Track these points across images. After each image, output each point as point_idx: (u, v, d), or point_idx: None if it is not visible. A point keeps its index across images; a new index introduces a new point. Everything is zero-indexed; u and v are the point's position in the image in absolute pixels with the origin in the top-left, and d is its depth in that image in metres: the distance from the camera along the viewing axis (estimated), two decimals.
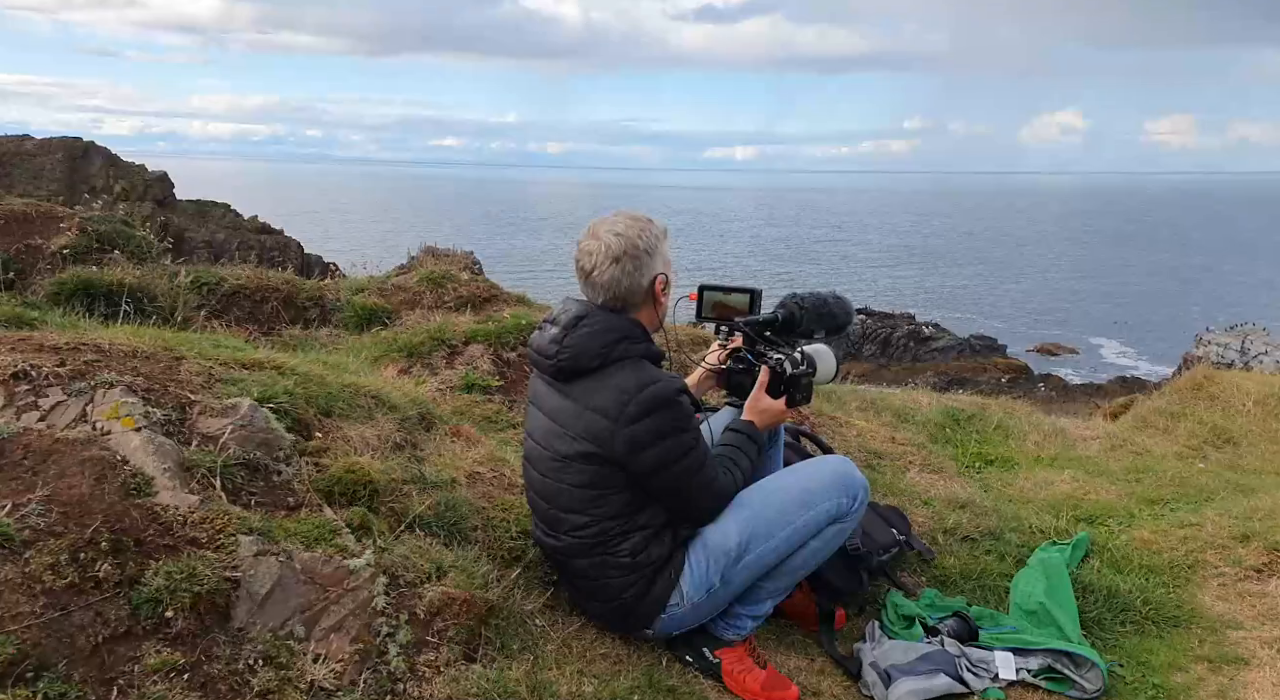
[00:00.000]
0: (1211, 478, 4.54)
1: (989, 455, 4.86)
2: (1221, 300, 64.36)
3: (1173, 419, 5.44)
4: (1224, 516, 3.76)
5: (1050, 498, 4.22)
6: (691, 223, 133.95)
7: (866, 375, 47.95)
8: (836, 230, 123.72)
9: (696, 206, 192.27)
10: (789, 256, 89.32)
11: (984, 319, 59.13)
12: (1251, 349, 41.96)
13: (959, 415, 5.37)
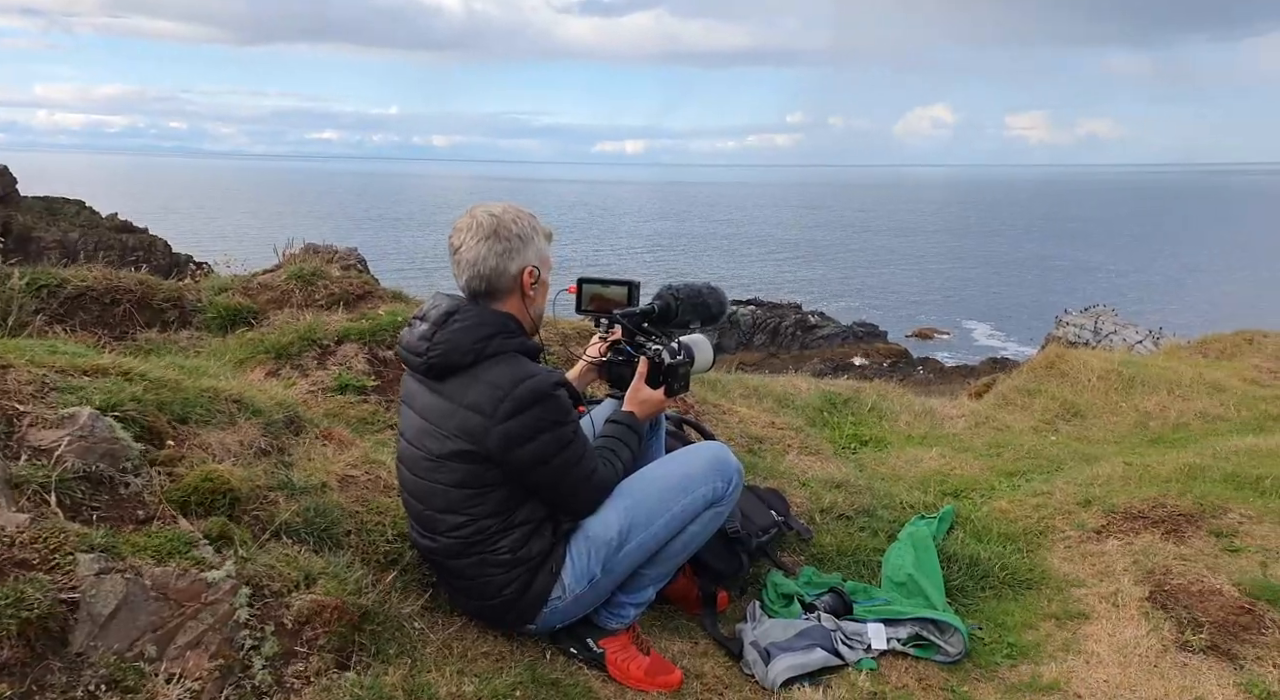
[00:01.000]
0: (1061, 449, 4.91)
1: (864, 436, 5.09)
2: (1077, 284, 69.54)
3: (1029, 396, 5.84)
4: (1070, 484, 4.08)
5: (919, 474, 4.45)
6: (585, 217, 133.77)
7: (758, 363, 49.34)
8: (726, 224, 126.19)
9: (589, 200, 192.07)
10: (682, 250, 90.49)
11: (866, 306, 61.64)
12: (1103, 328, 45.53)
13: (836, 399, 5.59)
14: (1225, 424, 5.33)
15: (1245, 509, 3.52)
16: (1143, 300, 60.96)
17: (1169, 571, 3.12)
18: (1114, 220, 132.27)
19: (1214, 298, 62.22)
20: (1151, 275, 72.59)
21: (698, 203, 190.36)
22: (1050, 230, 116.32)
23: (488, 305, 2.35)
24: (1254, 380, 6.06)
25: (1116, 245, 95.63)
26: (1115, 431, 5.39)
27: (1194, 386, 5.76)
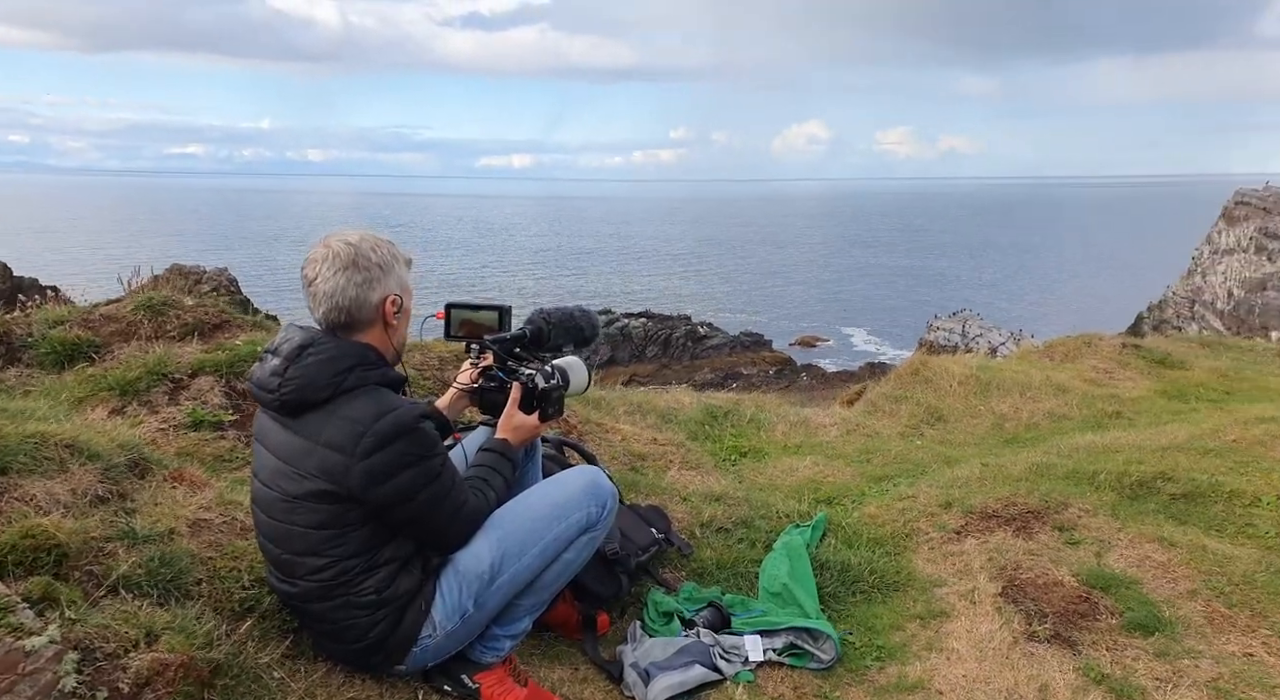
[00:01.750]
0: (926, 452, 5.17)
1: (743, 447, 5.21)
2: (945, 290, 73.89)
3: (897, 402, 6.14)
4: (933, 487, 4.30)
5: (795, 483, 4.59)
6: (472, 233, 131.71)
7: (651, 375, 49.87)
8: (616, 238, 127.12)
9: (474, 215, 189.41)
10: (572, 265, 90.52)
11: (752, 317, 63.40)
12: (970, 331, 48.58)
13: (717, 412, 5.70)
14: (1069, 422, 5.77)
15: (1083, 503, 3.80)
16: (1004, 305, 65.46)
17: (1019, 567, 3.33)
18: (975, 230, 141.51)
19: (1063, 301, 67.54)
20: (1009, 281, 78.06)
21: (587, 217, 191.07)
22: (919, 241, 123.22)
23: (346, 337, 2.27)
24: (1092, 380, 6.59)
25: (978, 254, 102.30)
26: (974, 433, 5.73)
27: (1042, 388, 6.21)
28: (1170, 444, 4.62)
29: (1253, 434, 4.52)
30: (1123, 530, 3.55)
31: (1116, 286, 70.77)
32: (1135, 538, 3.47)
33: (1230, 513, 3.72)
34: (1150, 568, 3.25)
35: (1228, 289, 47.94)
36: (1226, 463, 4.24)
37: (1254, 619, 2.90)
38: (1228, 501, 3.79)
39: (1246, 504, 3.75)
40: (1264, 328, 44.54)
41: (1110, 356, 7.15)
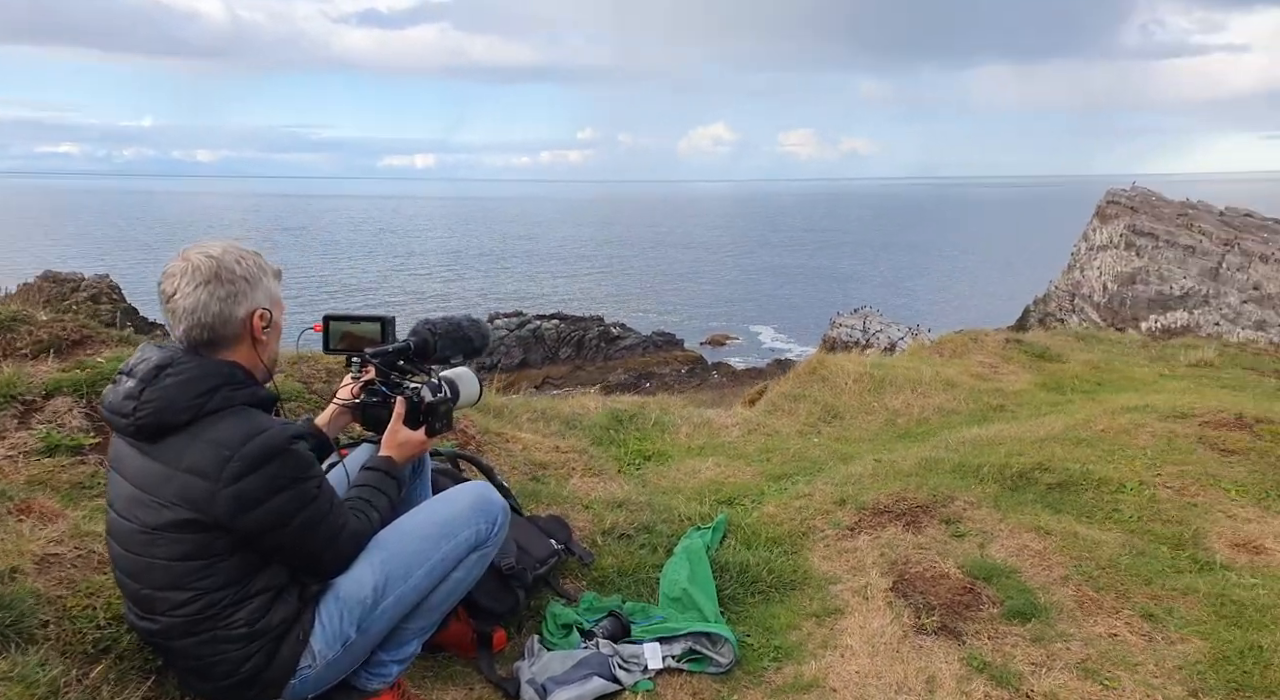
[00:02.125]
0: (822, 450, 5.30)
1: (647, 451, 5.21)
2: (848, 287, 76.33)
3: (795, 401, 6.27)
4: (829, 484, 4.40)
5: (697, 485, 4.62)
6: (374, 235, 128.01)
7: (565, 376, 49.65)
8: (527, 240, 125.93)
9: (378, 216, 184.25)
10: (480, 267, 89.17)
11: (663, 316, 63.97)
12: (871, 327, 50.34)
13: (622, 416, 5.69)
14: (957, 417, 6.03)
15: (968, 496, 3.96)
16: (902, 301, 68.12)
17: (909, 561, 3.44)
18: (875, 230, 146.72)
19: (957, 296, 70.84)
20: (907, 278, 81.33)
21: (495, 218, 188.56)
22: (822, 240, 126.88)
23: (210, 355, 2.13)
24: (979, 375, 6.91)
25: (878, 252, 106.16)
26: (869, 429, 5.91)
27: (933, 384, 6.46)
28: (1047, 435, 4.87)
29: (1119, 423, 4.82)
30: (1004, 521, 3.71)
31: (1006, 281, 74.63)
32: (1015, 528, 3.63)
33: (1099, 499, 3.94)
34: (1028, 556, 3.41)
35: (1103, 283, 51.21)
36: (1096, 451, 4.50)
37: (1118, 600, 3.08)
38: (1097, 489, 4.02)
39: (1113, 490, 3.99)
40: (1134, 318, 47.88)
41: (995, 352, 7.52)
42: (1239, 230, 48.59)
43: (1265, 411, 4.73)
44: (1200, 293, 46.36)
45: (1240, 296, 45.32)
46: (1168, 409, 4.92)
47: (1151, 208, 51.71)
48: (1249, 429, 4.48)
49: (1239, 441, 4.37)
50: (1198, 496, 3.86)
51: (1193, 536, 3.55)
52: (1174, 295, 47.27)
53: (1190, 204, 51.75)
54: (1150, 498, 3.88)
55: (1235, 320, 44.01)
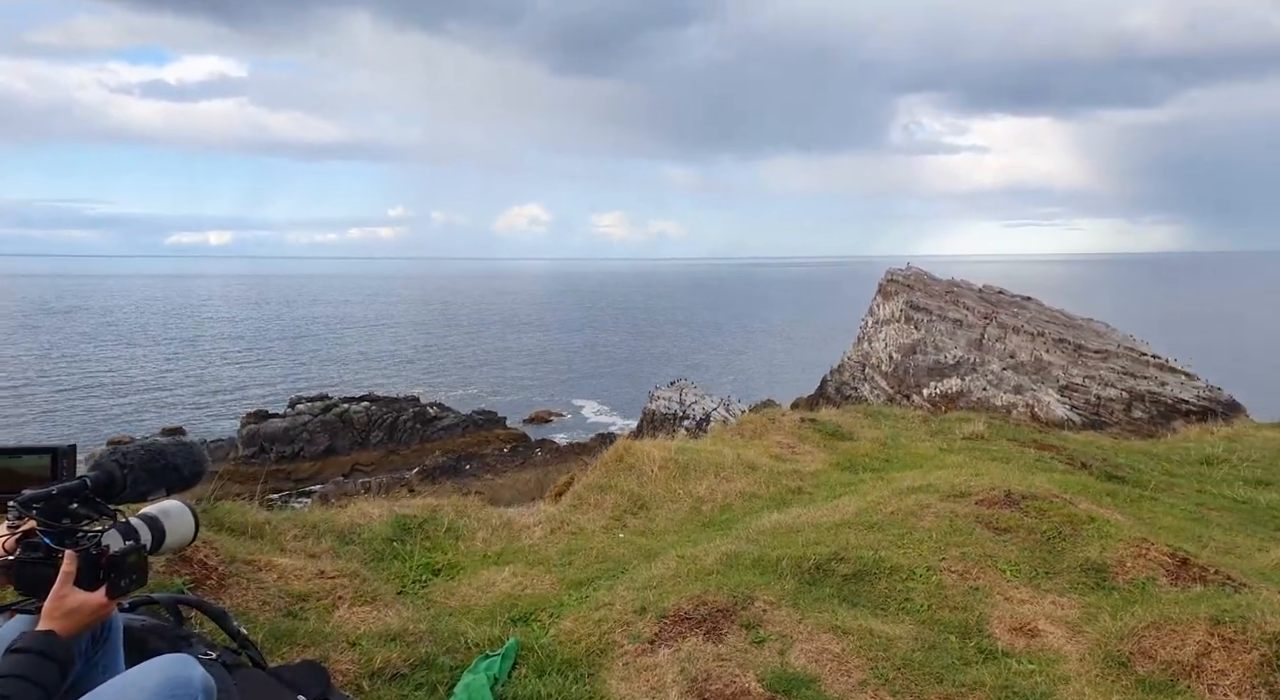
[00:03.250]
0: (627, 548, 5.04)
1: (436, 563, 4.72)
2: (664, 361, 78.59)
3: (602, 492, 6.01)
4: (630, 589, 4.13)
5: (490, 602, 4.19)
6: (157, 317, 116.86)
7: (376, 462, 46.73)
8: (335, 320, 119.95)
9: (165, 297, 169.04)
10: (286, 348, 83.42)
11: (485, 394, 62.58)
12: (687, 399, 51.81)
13: (410, 523, 5.16)
14: (759, 500, 6.01)
15: (768, 595, 3.83)
16: (716, 373, 71.03)
17: (709, 676, 3.20)
18: (688, 306, 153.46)
19: (766, 367, 75.00)
20: (720, 351, 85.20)
21: (301, 296, 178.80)
22: (640, 315, 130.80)
23: None
24: (778, 456, 7.02)
25: (693, 327, 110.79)
26: (675, 519, 5.74)
27: (735, 467, 6.45)
28: (842, 520, 4.91)
29: (906, 505, 4.96)
30: (803, 621, 3.60)
31: (805, 353, 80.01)
32: (814, 629, 3.52)
33: (892, 589, 3.94)
34: (828, 661, 3.29)
35: (889, 353, 56.08)
36: (887, 536, 4.56)
37: None
38: (889, 577, 4.03)
39: (904, 578, 4.01)
40: (917, 385, 52.65)
41: (792, 431, 7.71)
42: (995, 305, 55.27)
43: (1029, 486, 5.05)
44: (969, 361, 51.89)
45: (1001, 364, 51.20)
46: (948, 488, 5.14)
47: (924, 285, 57.78)
48: (1017, 506, 4.75)
49: (1010, 519, 4.60)
50: (979, 579, 3.96)
51: (977, 623, 3.59)
52: (948, 364, 52.59)
53: (955, 282, 58.39)
54: (937, 584, 3.93)
55: (998, 385, 49.52)
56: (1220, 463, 8.30)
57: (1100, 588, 3.90)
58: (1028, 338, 51.58)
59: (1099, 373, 48.23)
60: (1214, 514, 6.03)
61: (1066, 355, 49.69)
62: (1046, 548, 4.32)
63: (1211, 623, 3.16)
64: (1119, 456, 8.17)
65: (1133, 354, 49.09)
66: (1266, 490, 7.26)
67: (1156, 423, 43.83)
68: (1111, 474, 7.02)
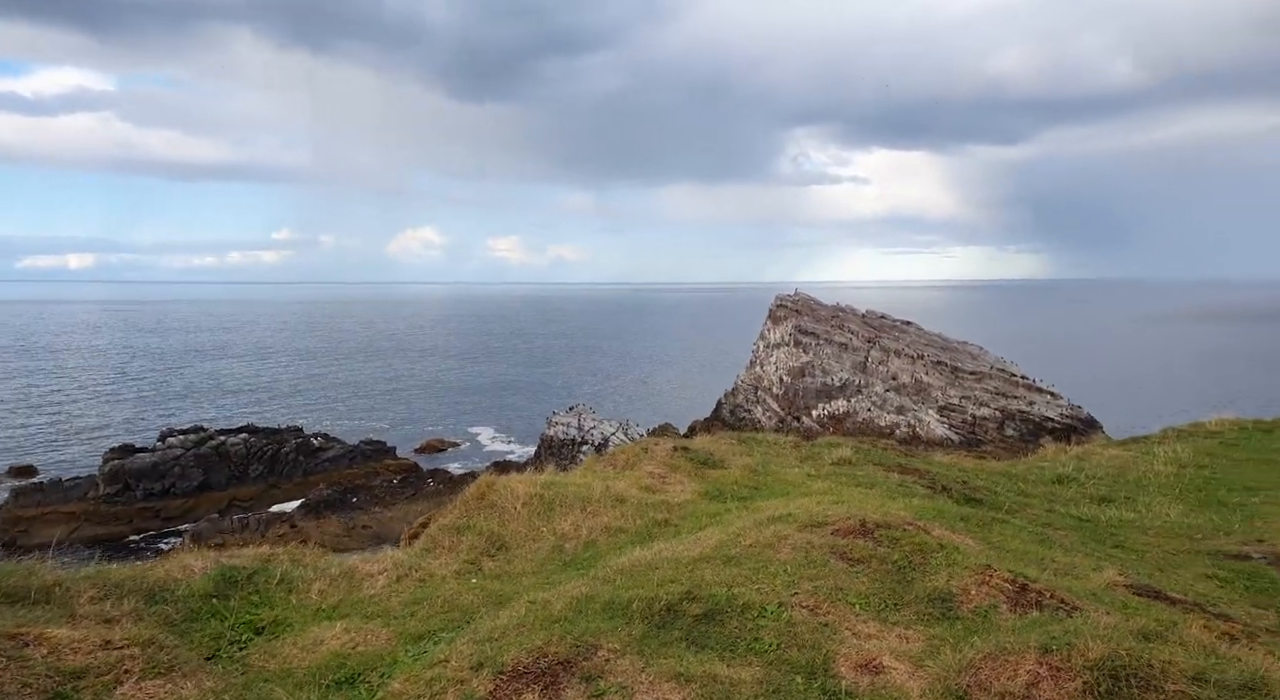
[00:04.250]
0: (478, 594, 4.75)
1: (260, 621, 4.29)
2: (563, 385, 78.02)
3: (459, 534, 5.69)
4: (471, 642, 3.84)
5: (315, 663, 3.82)
6: (10, 343, 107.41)
7: (256, 497, 43.98)
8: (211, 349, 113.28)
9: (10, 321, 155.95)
10: (155, 379, 78.04)
11: (374, 424, 60.39)
12: (585, 424, 51.42)
13: (237, 576, 4.71)
14: (625, 535, 5.83)
15: (613, 642, 3.63)
16: (614, 398, 71.02)
17: None
18: (586, 331, 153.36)
19: (663, 391, 75.50)
20: (616, 376, 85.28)
21: (173, 323, 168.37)
22: (538, 341, 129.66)
23: None
24: (648, 487, 6.87)
25: (589, 351, 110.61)
26: (535, 559, 5.48)
27: (602, 501, 6.25)
28: (701, 554, 4.77)
29: (765, 537, 4.88)
30: (646, 670, 3.41)
31: (703, 375, 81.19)
32: (656, 678, 3.34)
33: (743, 628, 3.82)
34: None
35: (779, 376, 57.52)
36: (744, 571, 4.45)
37: None
38: (741, 616, 3.90)
39: (755, 616, 3.89)
40: (807, 407, 54.19)
41: (664, 461, 7.59)
42: (878, 330, 57.68)
43: (884, 515, 5.07)
44: (855, 384, 53.81)
45: (884, 386, 53.31)
46: (806, 518, 5.10)
47: (811, 310, 59.73)
48: (871, 535, 4.74)
49: (863, 549, 4.58)
50: (829, 614, 3.89)
51: (824, 661, 3.50)
52: (835, 386, 54.36)
53: (840, 307, 60.63)
54: (788, 621, 3.83)
55: (882, 407, 51.54)
56: (1070, 482, 8.71)
57: (945, 618, 3.90)
58: (908, 360, 54.01)
59: (974, 393, 50.94)
60: (1059, 533, 6.25)
61: (944, 377, 52.29)
62: (897, 577, 4.30)
63: (1041, 651, 3.17)
64: (979, 478, 8.45)
65: (1004, 375, 52.12)
66: (1108, 507, 7.64)
67: (1026, 440, 46.58)
68: (970, 496, 7.22)
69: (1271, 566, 5.58)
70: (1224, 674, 2.99)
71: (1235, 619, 4.37)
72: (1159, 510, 7.66)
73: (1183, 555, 6.04)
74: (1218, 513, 7.61)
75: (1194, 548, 6.28)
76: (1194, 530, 6.90)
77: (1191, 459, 10.21)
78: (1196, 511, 7.71)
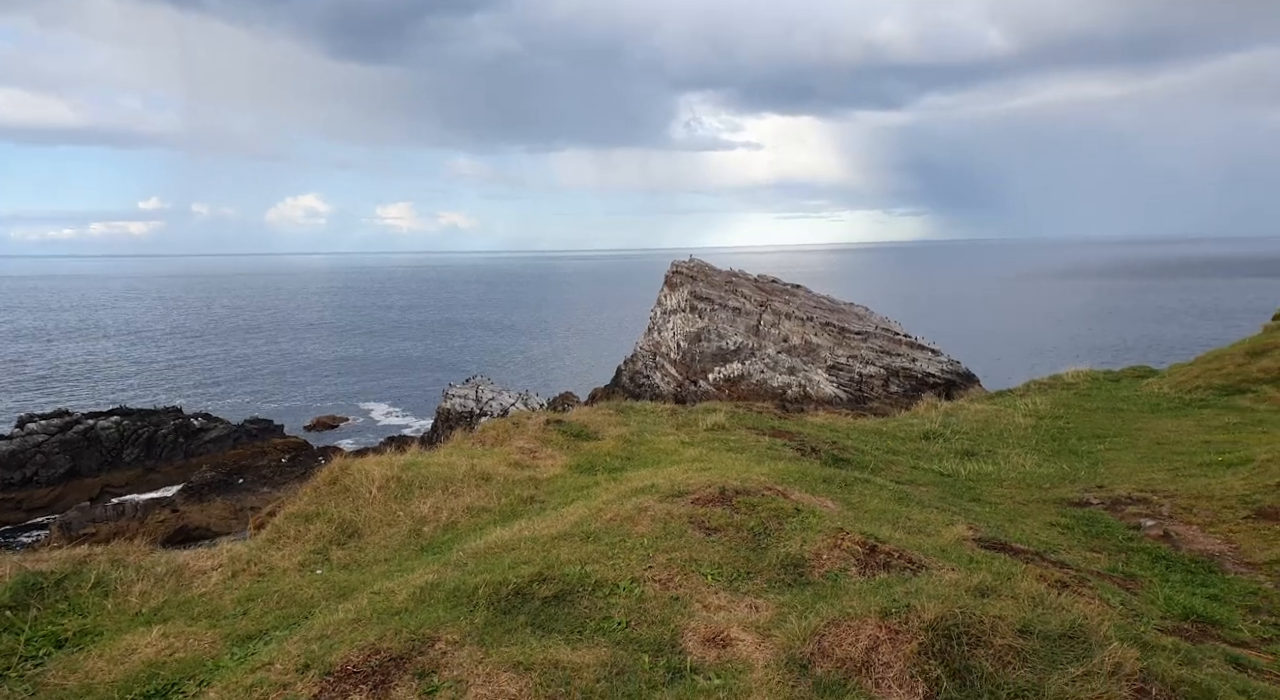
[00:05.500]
0: (321, 587, 4.44)
1: (64, 631, 3.87)
2: (459, 356, 76.43)
3: (307, 522, 5.33)
4: (301, 641, 3.56)
5: (122, 675, 3.46)
6: None
7: (132, 482, 41.31)
8: (75, 327, 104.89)
9: None
10: (11, 357, 71.74)
11: (259, 401, 57.83)
12: (483, 397, 50.53)
13: (43, 582, 4.24)
14: (488, 515, 5.61)
15: (453, 632, 3.43)
16: (514, 368, 70.11)
17: None
18: (481, 301, 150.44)
19: (563, 361, 75.09)
20: (516, 346, 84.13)
21: (29, 301, 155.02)
22: (431, 311, 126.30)
23: None
24: (517, 463, 6.65)
25: (488, 322, 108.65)
26: (390, 545, 5.20)
27: (466, 481, 6.00)
28: (561, 532, 4.62)
29: (626, 510, 4.76)
30: (484, 661, 3.22)
31: (603, 343, 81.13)
32: (494, 669, 3.16)
33: (593, 608, 3.69)
34: None
35: (677, 342, 58.09)
36: (600, 547, 4.32)
37: None
38: (592, 595, 3.77)
39: (607, 593, 3.77)
40: (704, 371, 55.05)
41: (536, 435, 7.38)
42: (769, 293, 58.92)
43: (745, 481, 5.04)
44: (748, 347, 54.95)
45: (776, 348, 54.68)
46: (669, 488, 5.01)
47: (706, 276, 60.42)
48: (729, 503, 4.69)
49: (720, 518, 4.52)
50: (681, 587, 3.80)
51: (671, 638, 3.40)
52: (730, 349, 55.37)
53: (734, 272, 61.56)
54: (639, 597, 3.72)
55: (774, 368, 52.90)
56: (937, 437, 9.03)
57: (797, 583, 3.88)
58: (798, 323, 55.51)
59: (860, 352, 52.92)
60: (921, 490, 6.43)
61: (832, 337, 54.06)
62: (751, 544, 4.27)
63: (881, 615, 3.17)
64: (849, 438, 8.65)
65: (888, 334, 54.33)
66: (970, 461, 7.95)
67: (910, 395, 48.88)
68: (838, 457, 7.35)
69: (1107, 511, 5.90)
70: (1047, 625, 3.06)
71: (1070, 565, 4.56)
72: (1016, 462, 8.03)
73: (1032, 505, 6.32)
74: (1068, 461, 8.04)
75: (1043, 496, 6.59)
76: (1044, 480, 7.25)
77: (1049, 410, 10.79)
78: (1049, 461, 8.13)
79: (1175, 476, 6.83)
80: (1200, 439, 8.46)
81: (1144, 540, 5.35)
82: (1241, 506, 5.65)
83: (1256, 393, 10.44)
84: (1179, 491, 6.19)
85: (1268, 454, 6.68)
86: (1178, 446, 8.26)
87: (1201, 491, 6.12)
